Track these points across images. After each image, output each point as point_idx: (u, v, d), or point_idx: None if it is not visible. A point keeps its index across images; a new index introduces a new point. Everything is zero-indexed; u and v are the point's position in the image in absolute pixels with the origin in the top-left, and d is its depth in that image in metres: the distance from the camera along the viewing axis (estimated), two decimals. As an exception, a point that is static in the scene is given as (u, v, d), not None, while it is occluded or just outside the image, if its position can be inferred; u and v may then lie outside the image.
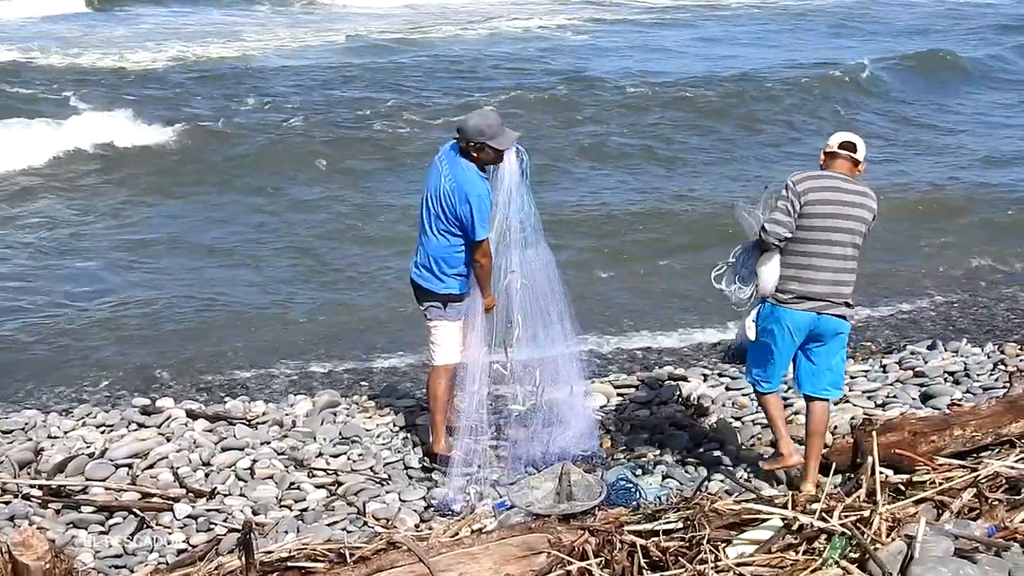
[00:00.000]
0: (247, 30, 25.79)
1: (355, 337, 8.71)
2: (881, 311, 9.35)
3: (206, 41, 23.53)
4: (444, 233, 5.68)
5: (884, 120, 16.81)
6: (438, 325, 5.87)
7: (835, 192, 5.13)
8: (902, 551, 3.82)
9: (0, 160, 13.10)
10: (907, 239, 10.89)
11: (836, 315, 5.21)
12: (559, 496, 5.17)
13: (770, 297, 5.26)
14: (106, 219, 11.63)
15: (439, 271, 5.75)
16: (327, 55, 21.84)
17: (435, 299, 5.83)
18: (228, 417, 6.63)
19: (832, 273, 5.16)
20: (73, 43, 22.69)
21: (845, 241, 5.15)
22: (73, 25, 25.76)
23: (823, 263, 5.15)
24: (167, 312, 9.12)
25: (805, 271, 5.16)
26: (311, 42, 23.82)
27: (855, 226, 5.15)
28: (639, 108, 16.56)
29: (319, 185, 12.89)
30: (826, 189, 5.14)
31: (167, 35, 24.44)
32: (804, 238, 5.14)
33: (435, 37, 24.83)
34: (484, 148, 5.57)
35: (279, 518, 5.42)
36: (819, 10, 29.84)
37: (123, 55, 21.19)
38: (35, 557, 3.71)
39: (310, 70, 19.83)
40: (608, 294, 9.50)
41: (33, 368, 7.97)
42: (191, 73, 19.22)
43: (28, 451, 6.12)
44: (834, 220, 5.12)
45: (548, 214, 7.39)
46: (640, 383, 7.08)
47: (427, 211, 5.72)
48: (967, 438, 5.47)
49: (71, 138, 13.96)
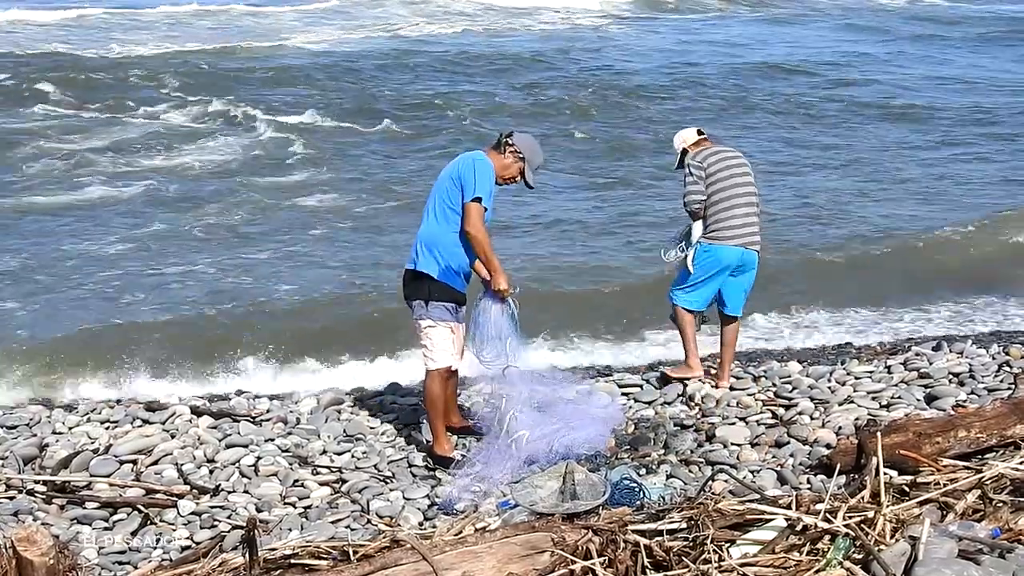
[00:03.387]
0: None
1: (360, 334, 8.72)
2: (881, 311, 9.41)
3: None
4: (436, 216, 5.65)
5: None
6: (428, 327, 5.76)
7: (726, 159, 6.59)
8: (906, 552, 3.81)
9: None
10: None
11: (755, 249, 6.65)
12: (563, 495, 5.16)
13: (704, 240, 6.58)
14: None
15: (424, 256, 5.68)
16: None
17: (418, 293, 5.72)
18: (232, 414, 6.64)
19: (744, 217, 6.57)
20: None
21: (748, 192, 6.60)
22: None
23: (737, 211, 6.54)
24: (171, 305, 9.16)
25: (727, 219, 6.54)
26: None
27: (748, 179, 6.63)
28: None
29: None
30: (719, 158, 6.58)
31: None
32: (718, 196, 6.53)
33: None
34: (519, 162, 5.77)
35: (283, 515, 5.43)
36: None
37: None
38: (39, 553, 3.71)
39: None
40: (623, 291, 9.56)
41: (39, 363, 8.00)
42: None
43: (33, 447, 6.14)
44: (733, 177, 6.55)
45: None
46: (644, 382, 7.08)
47: (430, 198, 5.74)
48: (972, 439, 5.46)
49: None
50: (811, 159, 14.79)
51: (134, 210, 12.00)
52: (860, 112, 17.83)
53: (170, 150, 14.78)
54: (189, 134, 15.73)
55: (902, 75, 21.21)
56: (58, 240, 10.87)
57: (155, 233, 11.13)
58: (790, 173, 13.91)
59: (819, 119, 17.37)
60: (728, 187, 6.53)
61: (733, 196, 6.54)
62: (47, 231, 11.20)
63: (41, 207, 12.05)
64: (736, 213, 6.56)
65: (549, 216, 11.82)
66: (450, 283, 5.72)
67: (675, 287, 6.84)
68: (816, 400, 6.66)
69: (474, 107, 17.61)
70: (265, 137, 15.65)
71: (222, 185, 13.07)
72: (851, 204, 12.52)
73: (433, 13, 30.58)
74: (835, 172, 14.11)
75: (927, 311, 9.51)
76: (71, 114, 16.95)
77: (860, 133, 16.41)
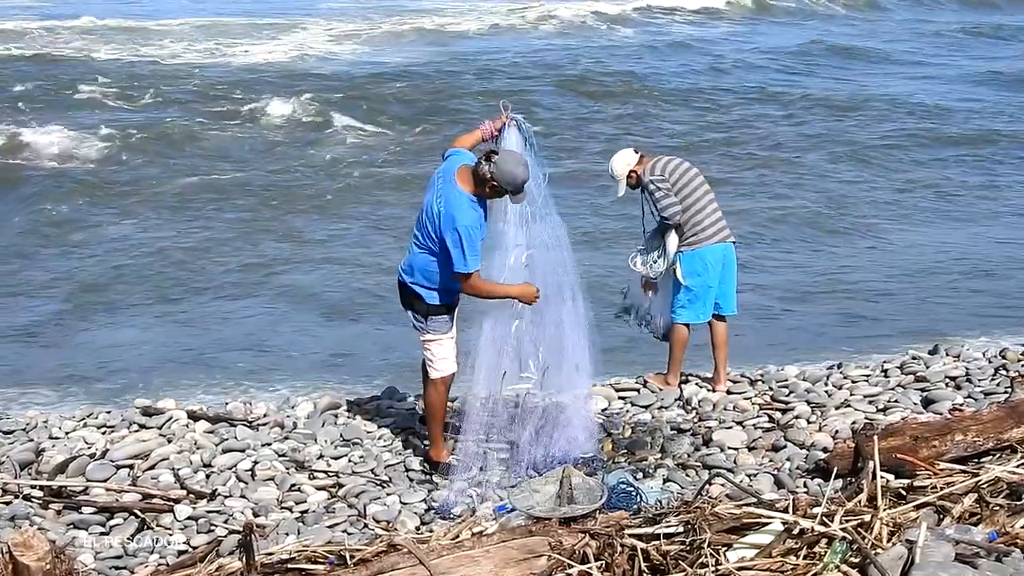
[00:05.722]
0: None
1: (357, 338, 8.72)
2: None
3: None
4: (426, 250, 5.58)
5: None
6: (429, 340, 5.77)
7: (678, 165, 6.72)
8: (903, 556, 3.82)
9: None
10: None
11: (732, 241, 6.85)
12: (560, 499, 5.16)
13: (686, 247, 6.67)
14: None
15: (419, 281, 5.67)
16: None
17: (416, 309, 5.72)
18: (229, 419, 6.63)
19: (715, 213, 6.73)
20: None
21: (708, 189, 6.77)
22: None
23: (708, 209, 6.70)
24: (170, 308, 9.17)
25: (703, 221, 6.67)
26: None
27: (702, 177, 6.77)
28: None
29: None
30: (674, 166, 6.69)
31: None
32: (689, 200, 6.65)
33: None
34: (501, 193, 5.45)
35: (280, 520, 5.42)
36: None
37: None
38: (36, 558, 3.71)
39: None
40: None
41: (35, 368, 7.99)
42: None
43: (29, 451, 6.13)
44: (693, 180, 6.68)
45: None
46: (642, 386, 7.08)
47: (418, 224, 5.64)
48: (968, 443, 5.46)
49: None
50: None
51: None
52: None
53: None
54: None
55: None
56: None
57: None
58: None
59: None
60: (694, 189, 6.65)
61: (701, 197, 6.67)
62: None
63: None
64: (708, 212, 6.69)
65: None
66: (444, 301, 5.73)
67: (676, 307, 6.81)
68: (813, 404, 6.67)
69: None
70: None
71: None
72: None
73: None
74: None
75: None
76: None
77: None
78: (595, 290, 7.07)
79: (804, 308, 9.60)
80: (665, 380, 7.01)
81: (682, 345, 6.91)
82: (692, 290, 6.73)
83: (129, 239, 11.27)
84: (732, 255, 6.87)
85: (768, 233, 11.57)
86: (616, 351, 7.65)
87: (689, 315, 6.81)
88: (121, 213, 12.19)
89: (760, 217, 11.97)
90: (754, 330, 8.66)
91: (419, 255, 5.64)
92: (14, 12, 26.97)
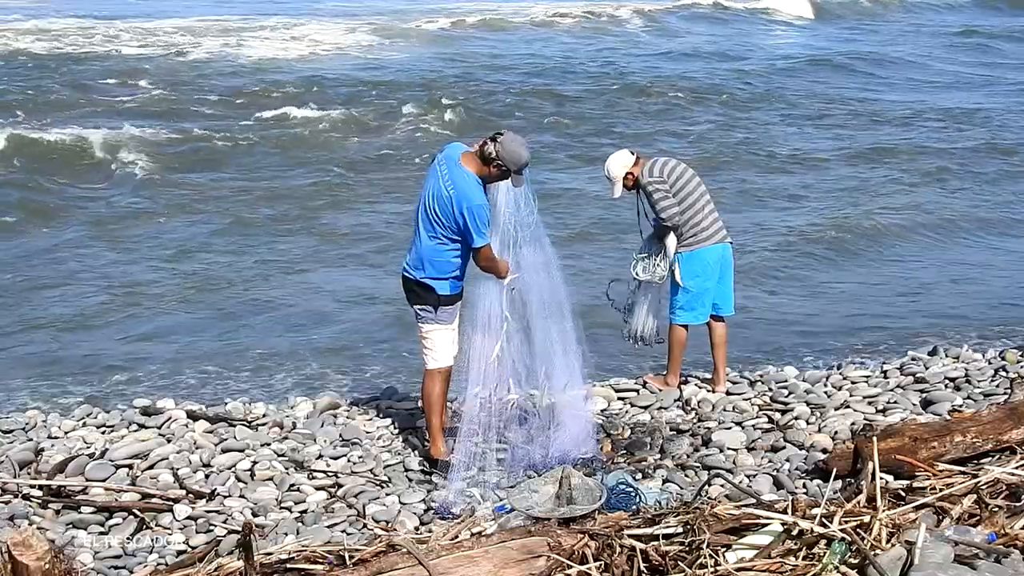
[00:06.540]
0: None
1: (357, 338, 8.72)
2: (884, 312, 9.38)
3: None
4: (439, 238, 5.67)
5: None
6: (431, 330, 5.85)
7: (675, 167, 6.70)
8: (902, 557, 3.82)
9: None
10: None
11: (729, 242, 6.85)
12: (559, 500, 5.17)
13: (684, 248, 6.66)
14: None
15: (429, 273, 5.74)
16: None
17: (426, 302, 5.80)
18: (228, 419, 6.63)
19: (712, 214, 6.74)
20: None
21: (705, 190, 6.74)
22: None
23: (705, 210, 6.69)
24: (169, 308, 9.15)
25: (701, 222, 6.67)
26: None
27: (699, 178, 6.74)
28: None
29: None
30: (671, 167, 6.67)
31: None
32: (687, 202, 6.63)
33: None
34: (505, 174, 5.64)
35: (279, 520, 5.41)
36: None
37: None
38: (35, 557, 3.71)
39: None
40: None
41: (34, 367, 7.99)
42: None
43: (28, 451, 6.13)
44: (690, 181, 6.67)
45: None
46: (641, 387, 7.08)
47: (423, 214, 5.71)
48: (968, 444, 5.46)
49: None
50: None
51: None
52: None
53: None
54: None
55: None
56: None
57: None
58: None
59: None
60: (691, 191, 6.65)
61: (698, 198, 6.67)
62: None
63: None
64: (705, 213, 6.69)
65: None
66: (454, 291, 5.83)
67: (674, 308, 6.83)
68: (812, 405, 6.68)
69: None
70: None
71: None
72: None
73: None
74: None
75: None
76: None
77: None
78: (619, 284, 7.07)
79: (804, 308, 9.60)
80: (664, 381, 7.02)
81: (681, 346, 6.92)
82: (690, 291, 6.74)
83: (129, 239, 11.29)
84: (729, 256, 6.88)
85: (796, 246, 11.41)
86: (616, 351, 7.66)
87: (687, 316, 6.82)
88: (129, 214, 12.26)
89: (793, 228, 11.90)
90: (754, 330, 8.65)
91: (429, 246, 5.70)
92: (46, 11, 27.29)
